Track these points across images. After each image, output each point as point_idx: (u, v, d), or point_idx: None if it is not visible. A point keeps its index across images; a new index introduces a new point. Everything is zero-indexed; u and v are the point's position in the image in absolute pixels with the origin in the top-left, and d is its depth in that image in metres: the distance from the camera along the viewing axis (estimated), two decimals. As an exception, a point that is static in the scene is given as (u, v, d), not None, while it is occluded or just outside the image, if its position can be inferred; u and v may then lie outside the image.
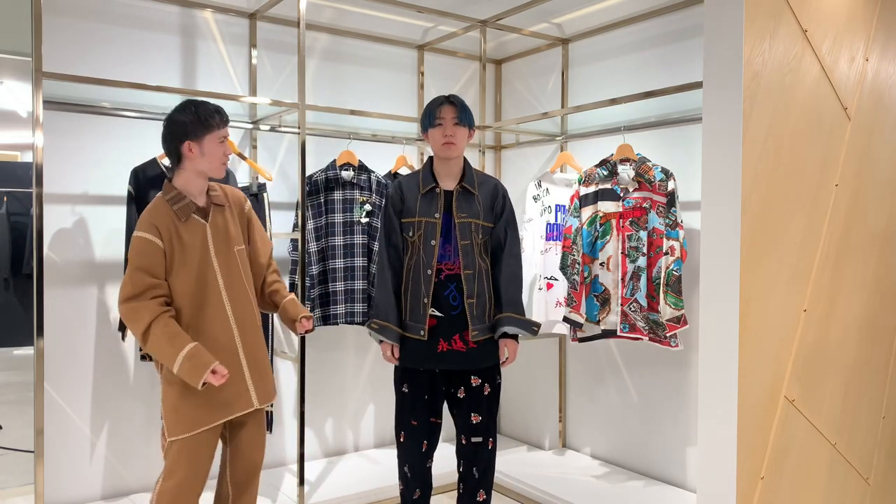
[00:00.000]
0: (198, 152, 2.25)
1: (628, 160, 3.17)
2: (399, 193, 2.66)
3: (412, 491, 2.72)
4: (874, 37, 2.69)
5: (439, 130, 2.60)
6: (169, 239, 2.22)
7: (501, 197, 2.69)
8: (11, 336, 7.08)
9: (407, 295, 2.63)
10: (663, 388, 3.41)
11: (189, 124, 2.23)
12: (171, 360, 2.15)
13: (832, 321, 2.56)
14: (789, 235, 2.36)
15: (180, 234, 2.24)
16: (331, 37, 3.76)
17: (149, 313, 2.16)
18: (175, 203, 2.26)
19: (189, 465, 2.24)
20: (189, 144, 2.24)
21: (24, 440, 4.30)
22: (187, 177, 2.29)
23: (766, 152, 2.26)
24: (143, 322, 2.16)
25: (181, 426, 2.23)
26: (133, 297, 2.17)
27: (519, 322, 2.62)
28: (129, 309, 2.17)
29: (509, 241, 2.68)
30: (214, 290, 2.28)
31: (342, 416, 3.84)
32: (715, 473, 2.25)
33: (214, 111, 2.28)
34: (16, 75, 5.50)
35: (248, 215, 2.47)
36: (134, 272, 2.19)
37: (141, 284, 2.18)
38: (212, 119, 2.26)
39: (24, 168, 7.53)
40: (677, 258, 2.99)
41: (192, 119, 2.24)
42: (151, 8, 3.25)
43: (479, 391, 2.66)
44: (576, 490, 3.28)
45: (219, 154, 2.29)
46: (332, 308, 3.43)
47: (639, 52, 3.52)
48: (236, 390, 2.30)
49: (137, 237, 2.21)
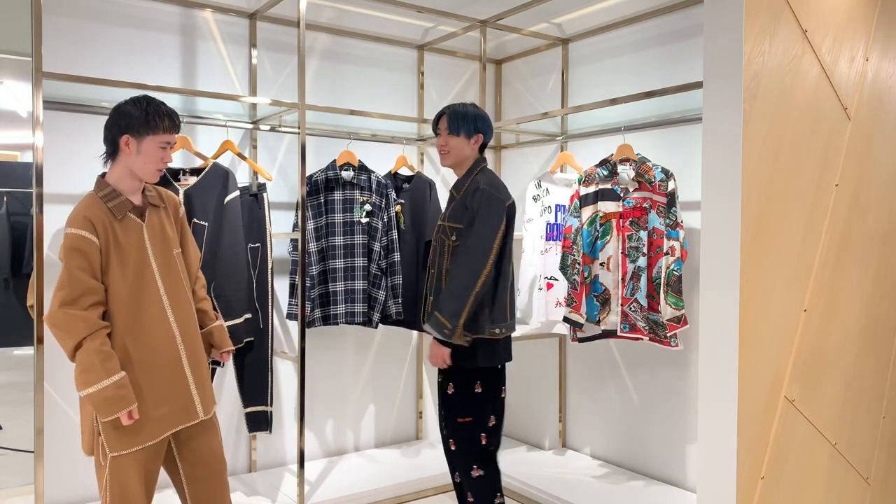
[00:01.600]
0: (134, 149, 2.12)
1: (628, 160, 3.17)
2: None
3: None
4: (874, 37, 2.69)
5: (437, 140, 2.68)
6: (105, 237, 2.08)
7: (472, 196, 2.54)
8: (11, 336, 7.08)
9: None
10: (663, 388, 3.41)
11: (134, 118, 2.11)
12: (94, 380, 2.00)
13: (832, 321, 2.55)
14: (789, 235, 2.36)
15: (116, 233, 2.11)
16: (331, 37, 3.76)
17: (86, 326, 2.02)
18: (110, 200, 2.12)
19: (138, 482, 2.10)
20: (127, 139, 2.12)
21: (24, 440, 4.30)
22: (119, 173, 2.16)
23: (766, 152, 2.26)
24: (78, 335, 2.01)
25: (128, 439, 2.08)
26: (70, 302, 2.01)
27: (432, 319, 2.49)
28: (65, 317, 2.01)
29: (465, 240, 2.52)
30: (154, 294, 2.15)
31: (342, 416, 3.84)
32: (715, 473, 2.25)
33: (166, 114, 2.15)
34: (16, 75, 5.50)
35: (182, 219, 2.35)
36: (71, 273, 2.02)
37: (79, 287, 2.02)
38: (159, 121, 2.13)
39: (24, 168, 7.52)
40: (678, 258, 2.99)
41: (138, 114, 2.11)
42: (151, 8, 3.25)
43: (443, 388, 2.62)
44: (576, 490, 3.28)
45: (155, 158, 2.15)
46: (333, 308, 3.43)
47: (639, 52, 3.52)
48: (182, 403, 2.18)
49: (72, 235, 2.05)
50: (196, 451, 2.26)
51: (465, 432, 2.57)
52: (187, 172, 3.03)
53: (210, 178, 3.02)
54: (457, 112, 2.63)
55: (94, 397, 2.01)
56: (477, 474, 2.57)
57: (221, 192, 3.02)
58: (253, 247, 3.17)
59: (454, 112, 2.63)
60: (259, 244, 3.18)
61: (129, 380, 2.08)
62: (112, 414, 2.02)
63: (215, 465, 2.29)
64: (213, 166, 3.05)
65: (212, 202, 3.00)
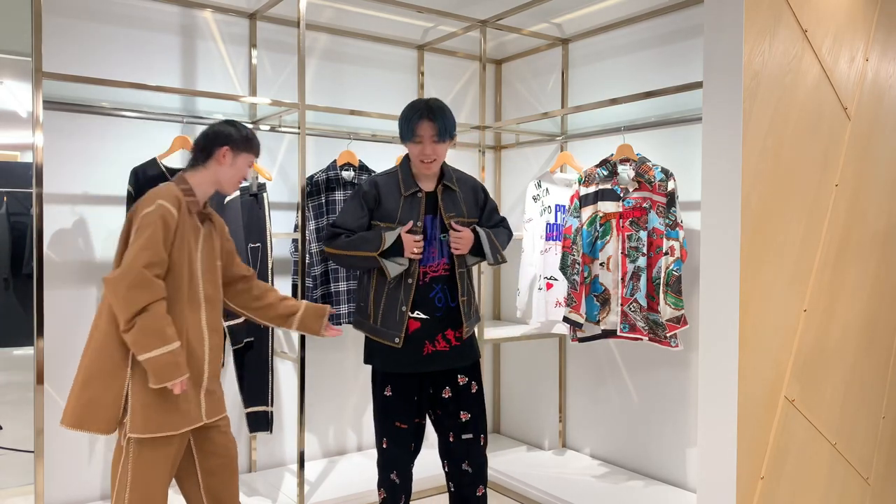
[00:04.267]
0: (229, 161, 2.33)
1: (628, 160, 3.17)
2: (375, 191, 2.56)
3: (398, 499, 2.64)
4: (874, 37, 2.69)
5: (419, 148, 2.51)
6: (181, 221, 2.21)
7: (482, 191, 2.70)
8: (11, 336, 7.08)
9: (380, 300, 2.55)
10: (663, 389, 3.41)
11: (236, 136, 2.34)
12: (157, 345, 2.08)
13: (832, 321, 2.56)
14: (789, 235, 2.36)
15: (184, 226, 2.23)
16: (331, 37, 3.76)
17: (158, 290, 2.10)
18: (187, 195, 2.27)
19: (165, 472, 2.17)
20: (226, 150, 2.32)
21: (24, 440, 4.30)
22: (202, 179, 2.33)
23: (766, 152, 2.26)
24: (150, 297, 2.08)
25: (152, 424, 2.13)
26: (152, 265, 2.10)
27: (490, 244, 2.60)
28: (145, 278, 2.07)
29: (503, 221, 2.75)
30: (196, 296, 2.27)
31: (342, 416, 3.84)
32: (715, 473, 2.25)
33: (258, 142, 2.42)
34: (16, 75, 5.50)
35: (224, 235, 2.47)
36: (156, 240, 2.12)
37: (158, 255, 2.12)
38: (255, 144, 2.40)
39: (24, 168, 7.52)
40: (677, 258, 2.99)
41: (240, 135, 2.35)
42: (151, 8, 3.25)
43: (467, 389, 2.62)
44: (576, 490, 3.28)
45: (242, 174, 2.38)
46: (335, 308, 3.42)
47: (639, 52, 3.52)
48: (195, 402, 2.26)
49: (163, 207, 2.16)
50: (216, 443, 2.34)
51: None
52: (187, 172, 3.04)
53: (210, 178, 3.03)
54: (443, 116, 2.51)
55: (153, 362, 2.08)
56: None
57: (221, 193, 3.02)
58: (253, 247, 3.17)
59: (442, 117, 2.50)
60: (259, 244, 3.18)
61: None
62: (167, 380, 2.10)
63: (230, 460, 2.37)
64: (213, 166, 3.05)
65: (212, 202, 3.00)
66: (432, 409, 2.66)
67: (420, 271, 2.53)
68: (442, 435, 2.66)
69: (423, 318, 2.54)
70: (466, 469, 2.64)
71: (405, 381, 2.58)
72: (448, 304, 2.57)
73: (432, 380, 2.63)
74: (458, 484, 2.67)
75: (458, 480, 2.66)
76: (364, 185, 2.60)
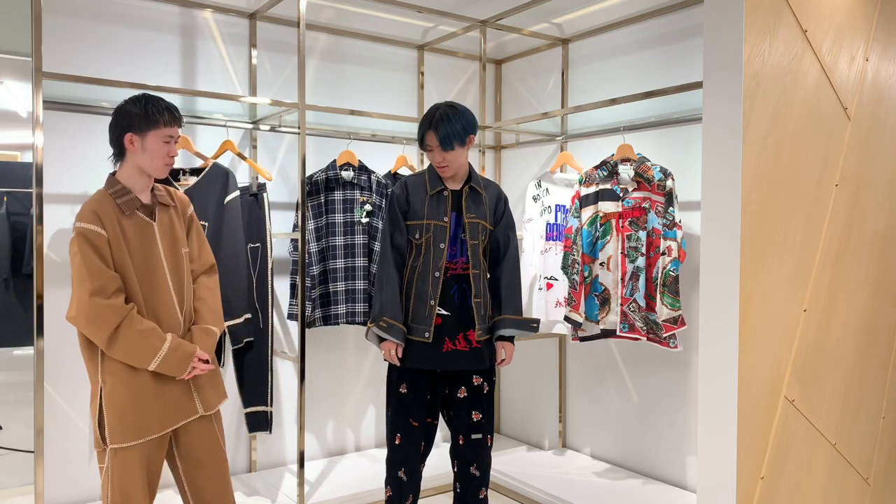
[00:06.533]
0: (139, 146, 2.17)
1: (628, 160, 3.17)
2: (405, 194, 2.66)
3: (405, 497, 2.67)
4: (874, 37, 2.69)
5: (431, 155, 2.63)
6: (112, 231, 2.11)
7: (503, 202, 2.75)
8: (11, 336, 7.07)
9: (410, 296, 2.63)
10: (663, 388, 3.41)
11: (135, 116, 2.16)
12: (150, 358, 2.08)
13: (832, 321, 2.55)
14: (789, 235, 2.36)
15: (124, 229, 2.14)
16: (331, 37, 3.76)
17: (115, 315, 2.05)
18: (119, 196, 2.16)
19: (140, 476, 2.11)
20: (131, 137, 2.16)
21: (24, 440, 4.30)
22: (129, 171, 2.20)
23: (766, 152, 2.26)
24: (110, 325, 2.04)
25: (130, 432, 2.09)
26: (97, 291, 2.04)
27: (518, 323, 2.66)
28: (95, 308, 2.03)
29: (511, 244, 2.73)
30: (164, 291, 2.19)
31: (342, 416, 3.84)
32: (715, 473, 2.25)
33: (165, 108, 2.19)
34: (16, 75, 5.50)
35: (190, 218, 2.37)
36: (90, 264, 2.05)
37: (100, 276, 2.05)
38: (159, 115, 2.17)
39: (24, 168, 7.51)
40: (674, 258, 2.99)
41: (138, 112, 2.16)
42: (151, 8, 3.25)
43: (480, 390, 2.68)
44: (576, 490, 3.28)
45: (161, 153, 2.19)
46: (334, 308, 3.43)
47: (639, 52, 3.52)
48: (183, 398, 2.21)
49: (81, 228, 2.07)
50: (196, 448, 2.25)
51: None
52: (187, 172, 3.04)
53: (210, 178, 3.03)
54: (447, 127, 2.55)
55: (164, 367, 2.12)
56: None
57: (221, 192, 3.02)
58: (253, 247, 3.17)
59: (445, 128, 2.55)
60: (259, 244, 3.18)
61: (137, 372, 2.12)
62: (185, 371, 2.15)
63: (214, 465, 2.28)
64: (213, 166, 3.05)
65: (212, 202, 3.00)
66: (445, 409, 2.73)
67: (444, 267, 2.60)
68: (454, 435, 2.73)
69: (445, 315, 2.61)
70: (474, 473, 2.71)
71: (421, 377, 2.64)
72: (465, 301, 2.64)
73: (448, 380, 2.69)
74: (464, 487, 2.74)
75: (466, 484, 2.73)
76: (396, 188, 2.70)
